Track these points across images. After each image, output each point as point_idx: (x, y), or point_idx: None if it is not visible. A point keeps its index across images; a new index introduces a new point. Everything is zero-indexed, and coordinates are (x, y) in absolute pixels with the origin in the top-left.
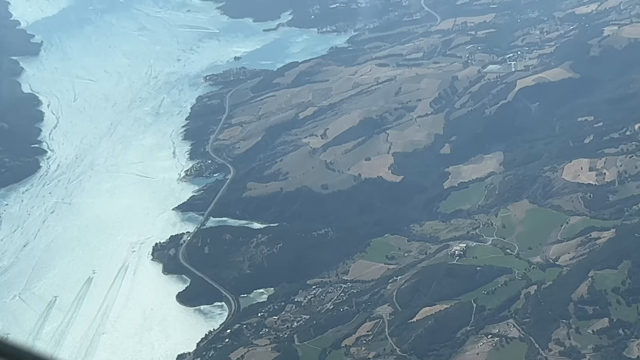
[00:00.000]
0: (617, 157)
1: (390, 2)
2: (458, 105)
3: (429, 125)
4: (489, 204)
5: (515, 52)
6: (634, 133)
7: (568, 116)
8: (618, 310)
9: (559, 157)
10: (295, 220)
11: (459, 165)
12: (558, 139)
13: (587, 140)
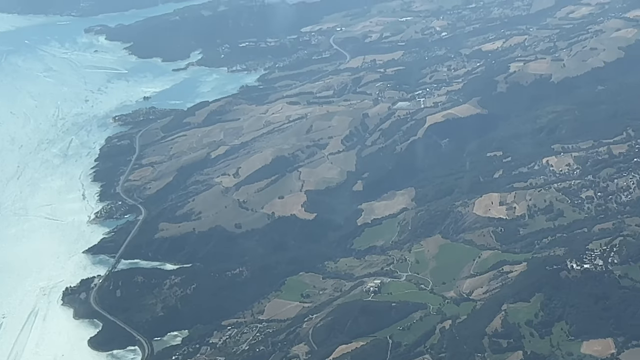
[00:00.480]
0: (527, 191)
1: (300, 41)
2: (369, 142)
3: (341, 163)
4: (402, 240)
5: (424, 89)
6: (542, 167)
7: (477, 151)
8: (531, 343)
9: (469, 192)
10: (209, 260)
11: (372, 201)
12: (468, 174)
13: (496, 175)
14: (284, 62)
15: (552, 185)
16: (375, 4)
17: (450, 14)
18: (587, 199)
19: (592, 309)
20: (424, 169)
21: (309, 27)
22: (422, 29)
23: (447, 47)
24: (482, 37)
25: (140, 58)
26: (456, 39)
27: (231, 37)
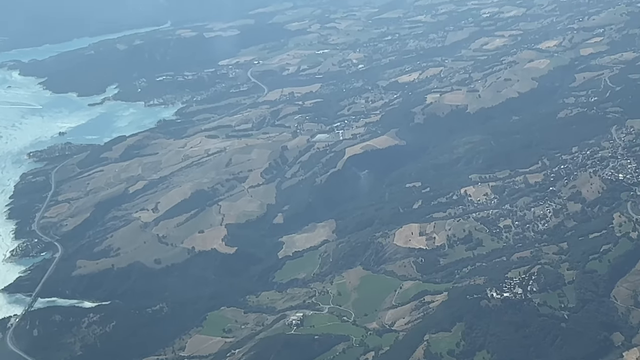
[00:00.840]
0: (446, 221)
1: (217, 74)
2: (289, 174)
3: (261, 196)
4: (323, 272)
5: (343, 121)
6: (461, 197)
7: (397, 182)
8: None
9: (390, 223)
10: (129, 297)
11: (293, 234)
12: (388, 205)
13: (416, 206)
14: (202, 96)
15: (471, 215)
16: (292, 37)
17: (366, 46)
18: (505, 228)
19: (513, 337)
20: (344, 200)
21: (227, 60)
22: (339, 62)
23: (364, 79)
24: (398, 69)
25: (55, 93)
26: (373, 71)
27: (148, 70)
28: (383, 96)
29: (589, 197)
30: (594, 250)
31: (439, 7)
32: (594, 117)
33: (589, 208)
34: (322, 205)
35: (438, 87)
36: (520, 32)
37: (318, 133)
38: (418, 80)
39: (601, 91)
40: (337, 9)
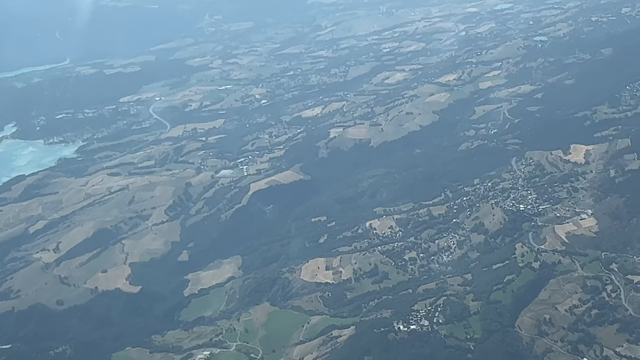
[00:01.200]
0: (352, 254)
1: (119, 111)
2: (193, 211)
3: (166, 233)
4: (230, 309)
5: (247, 157)
6: (366, 230)
7: (302, 217)
8: None
9: (296, 257)
10: (30, 340)
11: (198, 271)
12: (294, 240)
13: (322, 240)
14: (103, 133)
15: (376, 248)
16: (194, 73)
17: (269, 81)
18: (411, 260)
19: None
20: (250, 236)
21: (128, 97)
22: (242, 97)
23: (267, 115)
24: (301, 104)
25: None
26: (276, 106)
27: (47, 108)
28: (287, 131)
29: (491, 228)
30: (498, 280)
31: (340, 43)
32: (494, 149)
33: (491, 239)
34: (228, 242)
35: (341, 121)
36: (420, 66)
37: (222, 169)
38: (321, 114)
39: (500, 123)
40: (239, 45)
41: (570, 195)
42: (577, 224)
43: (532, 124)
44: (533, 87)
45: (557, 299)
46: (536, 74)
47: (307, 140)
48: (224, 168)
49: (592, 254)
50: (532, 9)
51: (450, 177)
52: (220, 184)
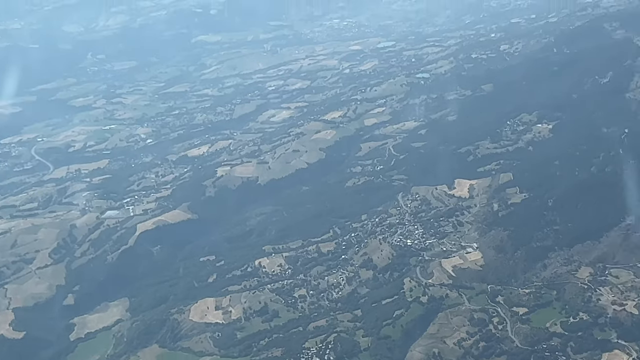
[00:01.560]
0: (241, 293)
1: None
2: (79, 253)
3: (50, 277)
4: (118, 353)
5: (133, 197)
6: (255, 269)
7: (191, 257)
8: None
9: (185, 298)
10: None
11: (85, 315)
12: (183, 280)
13: (211, 280)
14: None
15: (266, 287)
16: (77, 113)
17: (154, 120)
18: (301, 297)
19: None
20: (138, 277)
21: (9, 138)
22: (127, 137)
23: (153, 154)
24: (187, 143)
25: None
26: (162, 146)
27: None
28: (173, 170)
29: (380, 263)
30: (387, 316)
31: (225, 81)
32: (380, 185)
33: (380, 274)
34: (115, 284)
35: (228, 159)
36: (306, 104)
37: (108, 210)
38: (208, 153)
39: (386, 160)
40: (123, 84)
41: (456, 229)
42: (463, 257)
43: (417, 160)
44: (417, 124)
45: (445, 333)
46: (419, 111)
47: (194, 179)
48: (110, 209)
49: (478, 286)
50: (414, 47)
51: (338, 214)
52: (106, 225)
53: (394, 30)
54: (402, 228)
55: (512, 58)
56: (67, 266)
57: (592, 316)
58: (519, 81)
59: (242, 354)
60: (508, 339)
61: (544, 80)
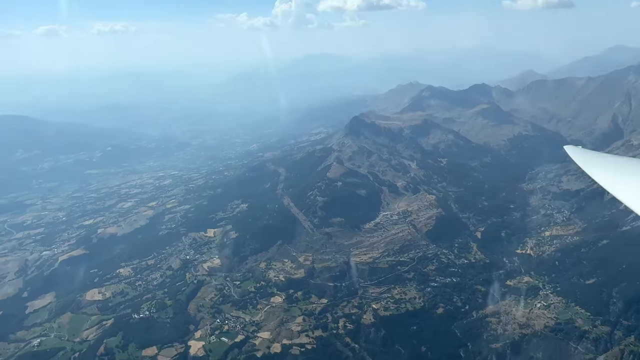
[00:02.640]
0: (117, 285)
1: None
2: (30, 272)
3: (14, 284)
4: None
5: (57, 244)
6: (115, 274)
7: (87, 270)
8: None
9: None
10: None
11: (32, 301)
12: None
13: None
14: None
15: (123, 282)
16: None
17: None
18: (142, 285)
19: None
20: (59, 282)
21: None
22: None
23: (67, 224)
24: (84, 218)
25: None
26: (72, 220)
27: None
28: (77, 231)
29: (175, 267)
30: (179, 289)
31: None
32: (173, 233)
33: (176, 272)
34: (48, 286)
35: (102, 225)
36: None
37: (44, 250)
38: (94, 222)
39: (177, 221)
40: None
41: (208, 249)
42: (212, 261)
43: (192, 221)
44: (188, 207)
45: (205, 295)
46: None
47: (86, 235)
48: (45, 250)
49: (219, 275)
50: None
51: (159, 247)
52: (43, 258)
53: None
54: (185, 251)
55: (228, 177)
56: (24, 279)
57: (267, 282)
58: (233, 186)
59: None
60: (232, 294)
61: (244, 186)
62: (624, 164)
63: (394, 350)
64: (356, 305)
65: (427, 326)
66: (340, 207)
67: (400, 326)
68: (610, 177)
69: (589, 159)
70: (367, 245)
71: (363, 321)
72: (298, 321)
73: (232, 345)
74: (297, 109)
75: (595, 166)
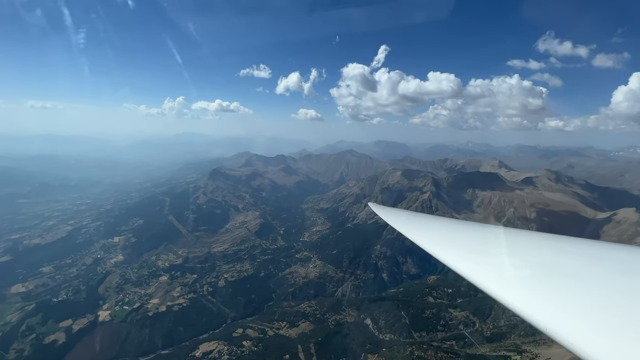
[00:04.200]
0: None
1: None
2: None
3: None
4: None
5: None
6: (38, 273)
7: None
8: None
9: None
10: None
11: None
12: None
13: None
14: None
15: (46, 276)
16: None
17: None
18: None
19: None
20: None
21: None
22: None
23: None
24: None
25: None
26: None
27: None
28: None
29: (84, 273)
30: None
31: None
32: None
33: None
34: None
35: None
36: None
37: None
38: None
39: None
40: None
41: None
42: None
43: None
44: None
45: (111, 281)
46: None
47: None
48: None
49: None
50: None
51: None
52: None
53: None
54: (97, 252)
55: (130, 203)
56: None
57: (156, 268)
58: (133, 209)
59: None
60: (131, 278)
61: (141, 209)
62: (413, 216)
63: (237, 299)
64: (214, 276)
65: (255, 283)
66: (205, 220)
67: (240, 285)
68: (403, 226)
69: (386, 212)
70: (222, 241)
71: (219, 285)
72: (177, 290)
73: (131, 310)
74: (178, 163)
75: (391, 217)
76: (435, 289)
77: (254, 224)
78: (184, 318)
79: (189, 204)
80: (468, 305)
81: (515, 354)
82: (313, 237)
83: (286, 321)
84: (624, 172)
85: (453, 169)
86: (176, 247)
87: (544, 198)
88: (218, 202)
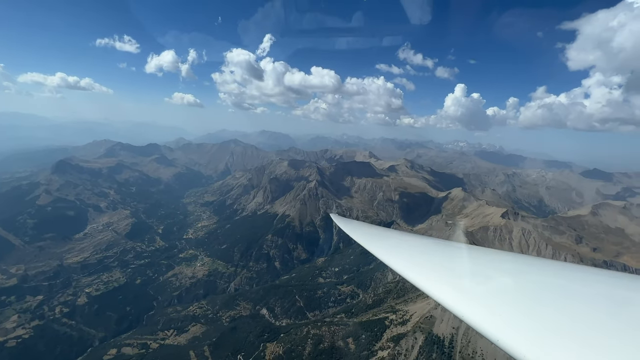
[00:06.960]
0: None
1: None
2: None
3: None
4: None
5: None
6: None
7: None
8: None
9: None
10: None
11: None
12: None
13: None
14: None
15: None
16: None
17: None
18: None
19: None
20: None
21: None
22: None
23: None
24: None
25: None
26: None
27: None
28: None
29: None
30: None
31: None
32: None
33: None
34: None
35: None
36: None
37: None
38: None
39: None
40: None
41: None
42: None
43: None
44: None
45: None
46: None
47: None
48: None
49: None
50: None
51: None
52: None
53: None
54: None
55: None
56: None
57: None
58: None
59: None
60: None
61: None
62: (375, 229)
63: (106, 316)
64: (71, 293)
65: (130, 293)
66: (51, 226)
67: (109, 299)
68: (363, 238)
69: (346, 223)
70: (79, 249)
71: (78, 303)
72: (13, 320)
73: None
74: (1, 153)
75: (350, 229)
76: (324, 269)
77: (123, 224)
78: (28, 353)
79: (23, 206)
80: (352, 280)
81: (391, 313)
82: (198, 233)
83: (173, 328)
84: (452, 160)
85: (333, 159)
86: (5, 265)
87: (404, 182)
88: (70, 201)
